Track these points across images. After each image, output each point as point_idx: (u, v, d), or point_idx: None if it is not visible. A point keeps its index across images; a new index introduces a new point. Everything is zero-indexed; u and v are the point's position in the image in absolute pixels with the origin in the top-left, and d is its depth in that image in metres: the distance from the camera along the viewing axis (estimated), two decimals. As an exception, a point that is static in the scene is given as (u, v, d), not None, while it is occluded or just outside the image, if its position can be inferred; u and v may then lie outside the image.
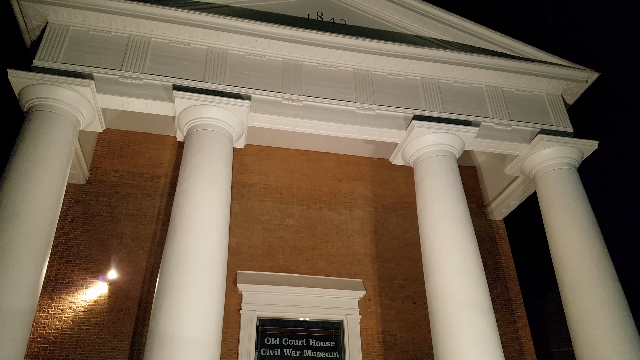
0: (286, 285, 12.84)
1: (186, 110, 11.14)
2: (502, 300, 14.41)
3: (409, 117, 12.47)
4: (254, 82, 12.00)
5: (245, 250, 13.38)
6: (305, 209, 14.48)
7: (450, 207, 11.29)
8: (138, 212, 13.26)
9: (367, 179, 15.51)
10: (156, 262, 12.39)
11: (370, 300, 13.38)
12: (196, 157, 10.66)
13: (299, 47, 12.45)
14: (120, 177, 13.66)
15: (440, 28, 13.81)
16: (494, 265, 14.95)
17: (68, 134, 10.49)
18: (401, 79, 13.11)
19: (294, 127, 12.17)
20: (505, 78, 13.48)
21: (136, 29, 11.77)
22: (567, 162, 12.51)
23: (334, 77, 12.69)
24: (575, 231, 11.52)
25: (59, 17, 11.44)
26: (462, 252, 10.66)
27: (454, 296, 10.13)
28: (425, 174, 11.95)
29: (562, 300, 11.40)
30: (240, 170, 14.58)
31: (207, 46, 12.11)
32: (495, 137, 12.75)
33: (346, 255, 13.97)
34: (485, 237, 15.27)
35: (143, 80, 11.28)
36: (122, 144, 14.23)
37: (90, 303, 11.79)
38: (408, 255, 14.32)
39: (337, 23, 13.53)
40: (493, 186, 15.76)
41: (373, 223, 14.73)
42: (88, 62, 11.22)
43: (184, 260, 9.34)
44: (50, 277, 11.79)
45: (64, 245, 12.32)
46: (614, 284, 10.87)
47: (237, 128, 11.51)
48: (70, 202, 12.88)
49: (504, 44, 13.81)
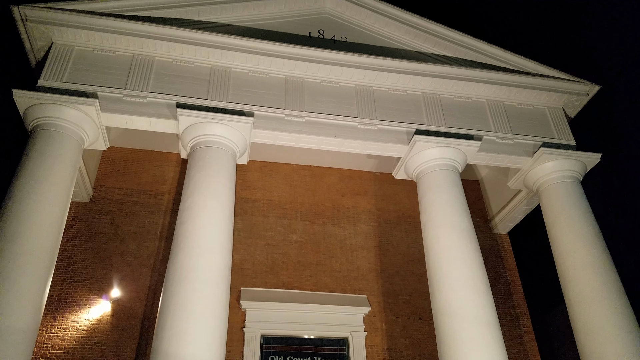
0: (290, 302, 12.75)
1: (190, 128, 11.21)
2: (509, 315, 14.27)
3: (411, 132, 12.51)
4: (256, 99, 12.09)
5: (249, 267, 13.32)
6: (309, 224, 14.45)
7: (454, 221, 11.26)
8: (141, 230, 13.25)
9: (370, 194, 15.49)
10: (159, 280, 12.35)
11: (375, 317, 13.27)
12: (200, 174, 10.68)
13: (301, 65, 12.57)
14: (124, 195, 13.69)
15: (440, 44, 13.93)
16: (500, 279, 14.85)
17: (72, 153, 10.54)
18: (402, 94, 13.18)
19: (296, 142, 12.22)
20: (506, 92, 13.54)
21: (140, 48, 11.91)
22: (571, 175, 12.50)
23: (336, 93, 12.78)
24: (580, 244, 11.47)
25: (63, 37, 11.59)
26: (468, 266, 10.60)
27: (460, 312, 10.05)
28: (429, 188, 11.94)
29: (569, 314, 11.30)
30: (244, 186, 14.59)
31: (211, 64, 12.23)
32: (498, 151, 12.77)
33: (350, 271, 13.89)
34: (490, 251, 15.19)
35: (147, 98, 11.38)
36: (125, 162, 14.29)
37: (93, 322, 11.73)
38: (413, 270, 14.24)
39: (338, 40, 13.67)
40: (497, 200, 15.72)
41: (377, 238, 14.67)
42: (92, 81, 11.32)
43: (188, 278, 9.30)
44: (54, 295, 11.75)
45: (67, 264, 12.30)
46: (620, 296, 10.81)
47: (240, 144, 11.56)
48: (74, 220, 12.89)
49: (505, 58, 13.90)
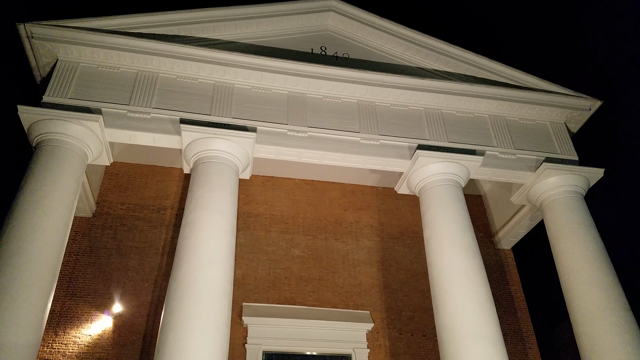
0: (292, 317, 12.66)
1: (193, 143, 11.27)
2: (513, 332, 14.12)
3: (413, 147, 12.53)
4: (259, 115, 12.16)
5: (251, 282, 13.27)
6: (311, 239, 14.41)
7: (457, 236, 11.21)
8: (144, 245, 13.24)
9: (372, 208, 15.45)
10: (161, 295, 12.31)
11: (378, 333, 13.14)
12: (202, 189, 10.71)
13: (304, 80, 12.66)
14: (127, 210, 13.71)
15: (442, 60, 14.02)
16: (504, 295, 14.71)
17: (76, 168, 10.60)
18: (404, 109, 13.24)
19: (299, 157, 12.26)
20: (508, 107, 13.58)
21: (144, 65, 12.04)
22: (574, 190, 12.47)
23: (338, 108, 12.85)
24: (585, 260, 11.39)
25: (69, 54, 11.73)
26: (472, 282, 10.53)
27: (464, 328, 9.95)
28: (431, 203, 11.92)
29: (574, 330, 11.18)
30: (246, 201, 14.60)
31: (214, 81, 12.34)
32: (500, 166, 12.76)
33: (353, 286, 13.80)
34: (493, 266, 15.08)
35: (151, 114, 11.47)
36: (129, 177, 14.33)
37: (95, 337, 11.66)
38: (416, 286, 14.13)
39: (340, 57, 13.79)
40: (500, 215, 15.66)
41: (380, 253, 14.61)
42: (97, 97, 11.43)
43: (189, 293, 9.27)
44: (55, 311, 11.71)
45: (69, 279, 12.28)
46: (626, 312, 10.71)
47: (243, 159, 11.60)
48: (76, 235, 12.90)
49: (506, 74, 13.97)
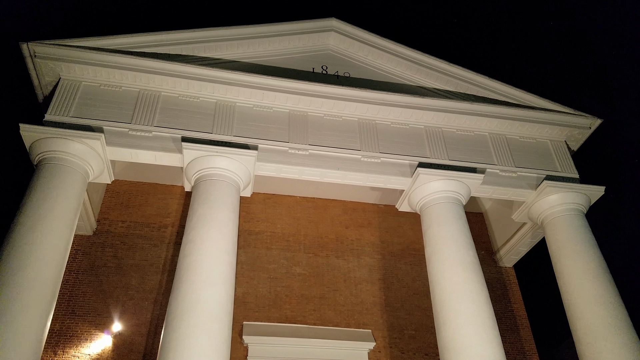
0: (293, 337, 12.52)
1: (194, 161, 11.30)
2: (515, 350, 13.98)
3: (414, 165, 12.57)
4: (261, 133, 12.23)
5: (252, 300, 13.18)
6: (312, 256, 14.36)
7: (459, 254, 11.17)
8: (144, 263, 13.19)
9: (374, 226, 15.42)
10: (161, 314, 12.22)
11: (380, 352, 13.01)
12: (203, 207, 10.70)
13: (305, 99, 12.75)
14: (128, 228, 13.69)
15: (442, 79, 14.13)
16: (506, 313, 14.60)
17: (77, 187, 10.60)
18: (405, 127, 13.30)
19: (300, 175, 12.27)
20: (509, 126, 13.64)
21: (146, 84, 12.13)
22: (575, 208, 12.46)
23: (339, 126, 12.91)
24: (587, 278, 11.34)
25: (71, 73, 11.81)
26: (474, 301, 10.46)
27: (466, 349, 9.84)
28: (433, 221, 11.91)
29: (576, 349, 11.09)
30: (247, 219, 14.58)
31: (216, 99, 12.42)
32: (501, 184, 12.77)
33: (354, 305, 13.71)
34: (495, 284, 14.99)
35: (152, 132, 11.52)
36: (130, 195, 14.34)
37: (94, 357, 11.55)
38: (418, 304, 14.03)
39: (341, 76, 13.90)
40: (501, 232, 15.62)
41: (381, 271, 14.54)
42: (98, 115, 11.48)
43: (190, 312, 9.20)
44: (55, 329, 11.61)
45: (69, 297, 12.20)
46: (629, 330, 10.63)
47: (244, 177, 11.63)
48: (77, 253, 12.85)
49: (506, 92, 14.06)
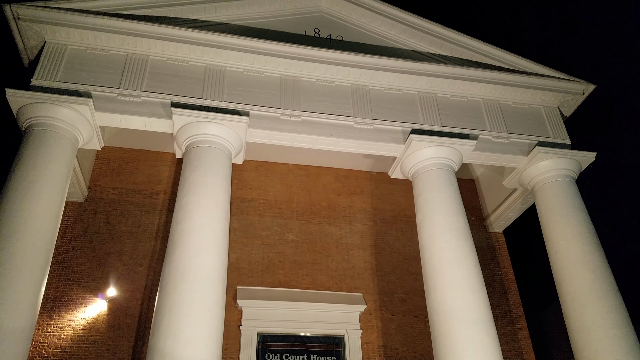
0: (286, 300, 12.77)
1: (185, 127, 11.17)
2: (503, 313, 14.34)
3: (407, 131, 12.52)
4: (252, 99, 12.06)
5: (245, 266, 13.33)
6: (305, 223, 14.45)
7: (449, 220, 11.30)
8: (137, 229, 13.22)
9: (366, 193, 15.49)
10: (155, 279, 12.33)
11: (371, 315, 13.31)
12: (195, 174, 10.66)
13: (297, 64, 12.53)
14: (119, 195, 13.65)
15: (436, 43, 13.92)
16: (494, 277, 14.91)
17: (67, 153, 10.49)
18: (399, 93, 13.18)
19: (292, 142, 12.20)
20: (502, 91, 13.56)
21: (134, 47, 11.85)
22: (565, 174, 12.56)
23: (331, 92, 12.76)
24: (575, 242, 11.54)
25: (57, 36, 11.50)
26: (463, 265, 10.65)
27: (455, 310, 10.10)
28: (424, 188, 11.97)
29: (562, 311, 11.38)
30: (239, 186, 14.58)
31: (205, 63, 12.18)
32: (493, 150, 12.80)
33: (346, 270, 13.91)
34: (485, 249, 15.23)
35: (141, 97, 11.33)
36: (120, 162, 14.23)
37: (90, 321, 11.71)
38: (408, 269, 14.27)
39: (334, 39, 13.65)
40: (492, 198, 15.76)
41: (373, 237, 14.70)
42: (86, 80, 11.25)
43: (183, 277, 9.30)
44: (49, 295, 11.72)
45: (62, 264, 12.26)
46: (614, 294, 10.89)
47: (235, 144, 11.54)
48: (69, 220, 12.84)
49: (501, 57, 13.91)
